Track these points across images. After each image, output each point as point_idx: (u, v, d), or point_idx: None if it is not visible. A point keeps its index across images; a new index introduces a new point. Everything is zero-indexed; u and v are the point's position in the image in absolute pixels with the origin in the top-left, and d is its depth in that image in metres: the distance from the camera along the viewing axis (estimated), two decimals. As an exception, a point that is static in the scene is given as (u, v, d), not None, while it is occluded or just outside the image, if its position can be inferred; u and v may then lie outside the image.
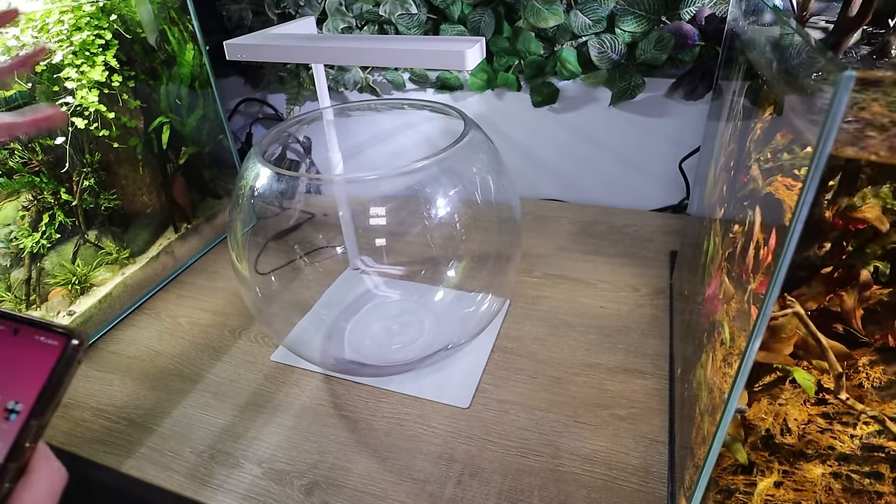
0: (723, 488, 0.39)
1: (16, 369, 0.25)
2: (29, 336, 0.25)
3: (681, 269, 0.73)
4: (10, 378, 0.24)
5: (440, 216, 0.60)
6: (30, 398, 0.24)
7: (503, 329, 0.69)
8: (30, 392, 0.24)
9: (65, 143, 0.70)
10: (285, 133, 0.83)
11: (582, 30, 0.82)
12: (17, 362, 0.25)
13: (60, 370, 0.25)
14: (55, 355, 0.25)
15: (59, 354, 0.25)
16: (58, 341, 0.25)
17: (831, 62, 0.24)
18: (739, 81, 0.49)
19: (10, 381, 0.24)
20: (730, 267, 0.40)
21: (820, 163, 0.23)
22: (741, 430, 0.38)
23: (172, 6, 0.81)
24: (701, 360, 0.45)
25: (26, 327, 0.25)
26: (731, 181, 0.46)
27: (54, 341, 0.25)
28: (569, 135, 0.95)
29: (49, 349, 0.25)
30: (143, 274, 0.81)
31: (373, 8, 0.91)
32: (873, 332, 0.33)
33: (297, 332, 0.67)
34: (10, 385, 0.24)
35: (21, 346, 0.25)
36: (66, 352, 0.25)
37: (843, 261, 0.33)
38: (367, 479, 0.52)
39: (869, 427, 0.35)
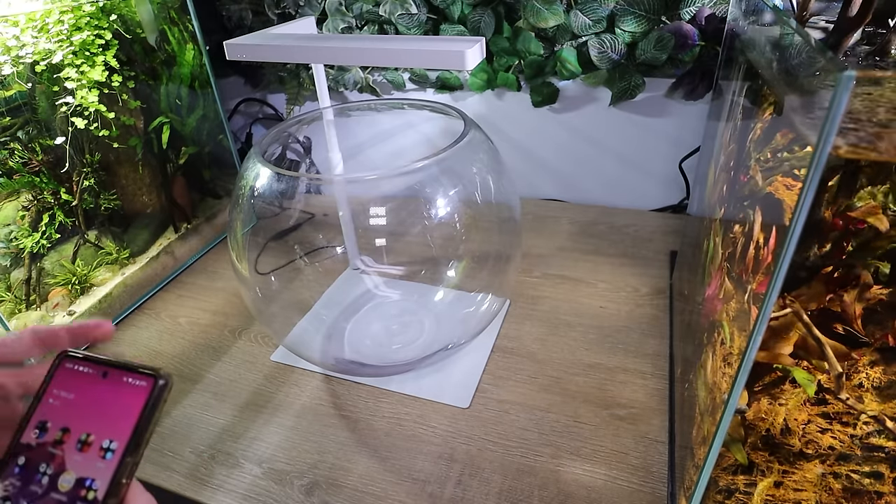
0: (723, 488, 0.39)
1: (108, 410, 0.26)
2: (118, 378, 0.27)
3: (681, 269, 0.73)
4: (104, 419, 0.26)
5: (440, 216, 0.60)
6: (124, 437, 0.25)
7: (503, 329, 0.69)
8: (123, 431, 0.25)
9: (65, 143, 0.70)
10: (285, 133, 0.83)
11: (582, 30, 0.82)
12: (108, 404, 0.26)
13: (150, 409, 0.26)
14: (144, 396, 0.26)
15: (147, 395, 0.26)
16: (146, 382, 0.26)
17: (831, 62, 0.24)
18: (739, 81, 0.49)
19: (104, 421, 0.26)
20: (730, 267, 0.40)
21: (820, 163, 0.23)
22: (741, 430, 0.37)
23: (172, 6, 0.81)
24: (701, 360, 0.45)
25: (114, 370, 0.27)
26: (731, 181, 0.46)
27: (143, 382, 0.27)
28: (569, 135, 0.95)
29: (138, 390, 0.26)
30: (143, 274, 0.81)
31: (373, 8, 0.91)
32: (873, 332, 0.33)
33: (297, 332, 0.67)
34: (104, 425, 0.26)
35: (110, 389, 0.27)
36: (154, 392, 0.26)
37: (843, 261, 0.33)
38: (367, 479, 0.52)
39: (869, 427, 0.35)
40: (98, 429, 0.26)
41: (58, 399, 0.27)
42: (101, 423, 0.26)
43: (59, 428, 0.26)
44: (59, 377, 0.27)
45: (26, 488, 0.25)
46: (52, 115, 0.69)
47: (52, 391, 0.27)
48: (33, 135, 0.67)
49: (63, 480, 0.25)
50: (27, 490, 0.25)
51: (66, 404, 0.26)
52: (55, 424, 0.26)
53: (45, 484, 0.25)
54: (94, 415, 0.26)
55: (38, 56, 0.66)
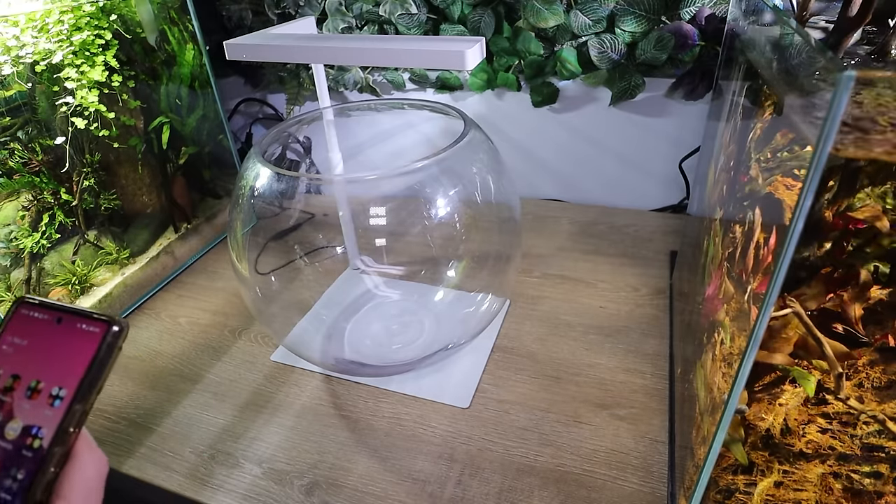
0: (723, 488, 0.39)
1: (59, 357, 0.25)
2: (71, 324, 0.26)
3: (681, 269, 0.73)
4: (55, 365, 0.25)
5: (440, 216, 0.60)
6: (73, 384, 0.25)
7: (503, 329, 0.69)
8: (73, 378, 0.25)
9: (65, 143, 0.70)
10: (285, 133, 0.83)
11: (582, 30, 0.82)
12: (60, 350, 0.25)
13: (102, 356, 0.25)
14: (96, 342, 0.25)
15: (100, 341, 0.25)
16: (99, 328, 0.26)
17: (831, 62, 0.24)
18: (739, 81, 0.49)
19: (55, 368, 0.25)
20: (730, 267, 0.40)
21: (820, 163, 0.23)
22: (741, 430, 0.37)
23: (172, 6, 0.81)
24: (701, 360, 0.45)
25: (69, 316, 0.26)
26: (731, 181, 0.46)
27: (95, 328, 0.26)
28: (569, 135, 0.95)
29: (91, 336, 0.25)
30: (143, 274, 0.81)
31: (373, 8, 0.91)
32: (873, 332, 0.33)
33: (297, 332, 0.67)
34: (54, 372, 0.25)
35: (64, 335, 0.26)
36: (107, 338, 0.25)
37: (843, 261, 0.33)
38: (367, 479, 0.52)
39: (869, 427, 0.35)
40: (48, 375, 0.25)
41: (11, 346, 0.26)
42: (52, 369, 0.25)
43: (10, 375, 0.25)
44: (13, 323, 0.26)
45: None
46: (52, 115, 0.69)
47: (6, 338, 0.26)
48: (33, 135, 0.67)
49: (9, 428, 0.24)
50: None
51: (18, 351, 0.26)
52: (6, 371, 0.25)
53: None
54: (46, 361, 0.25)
55: (38, 56, 0.66)
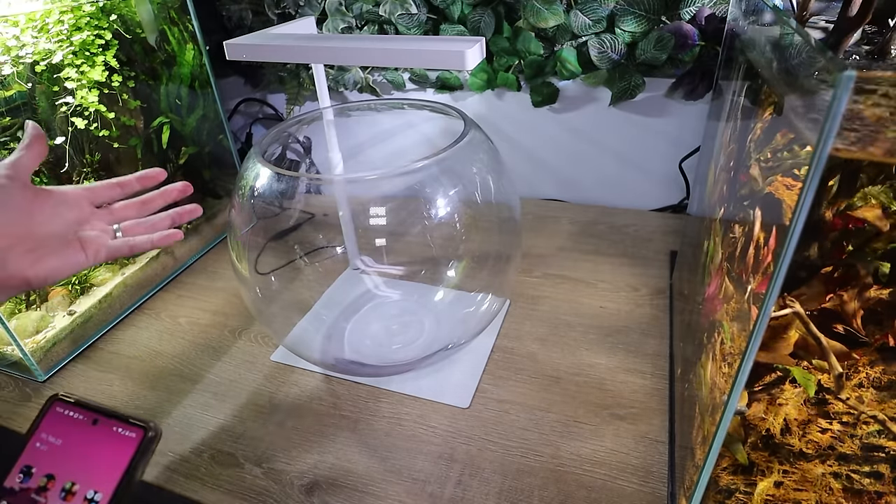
0: (723, 488, 0.39)
1: (95, 460, 0.26)
2: (107, 427, 0.27)
3: (681, 269, 0.73)
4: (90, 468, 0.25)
5: (440, 216, 0.60)
6: (109, 489, 0.25)
7: (503, 329, 0.69)
8: (109, 483, 0.25)
9: (65, 143, 0.70)
10: (285, 133, 0.83)
11: (582, 30, 0.82)
12: (96, 453, 0.26)
13: (137, 461, 0.26)
14: (133, 447, 0.26)
15: (136, 446, 0.26)
16: (135, 434, 0.26)
17: (831, 62, 0.24)
18: (739, 81, 0.49)
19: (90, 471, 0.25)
20: (730, 267, 0.40)
21: (820, 163, 0.23)
22: (741, 430, 0.38)
23: (172, 6, 0.81)
24: (701, 360, 0.45)
25: (104, 418, 0.26)
26: (731, 181, 0.46)
27: (132, 434, 0.26)
28: (569, 135, 0.95)
29: (127, 441, 0.26)
30: (143, 274, 0.81)
31: (373, 8, 0.91)
32: (873, 332, 0.33)
33: (297, 332, 0.67)
34: (89, 475, 0.25)
35: (99, 437, 0.26)
36: (143, 444, 0.26)
37: (843, 261, 0.33)
38: (367, 479, 0.52)
39: (869, 427, 0.35)
40: (83, 478, 0.25)
41: (45, 444, 0.26)
42: (87, 472, 0.26)
43: (44, 474, 0.26)
44: (48, 421, 0.27)
45: None
46: (52, 115, 0.69)
47: (41, 435, 0.26)
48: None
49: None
50: None
51: (52, 450, 0.26)
52: (40, 470, 0.26)
53: None
54: (81, 463, 0.26)
55: (38, 56, 0.66)
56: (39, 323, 0.69)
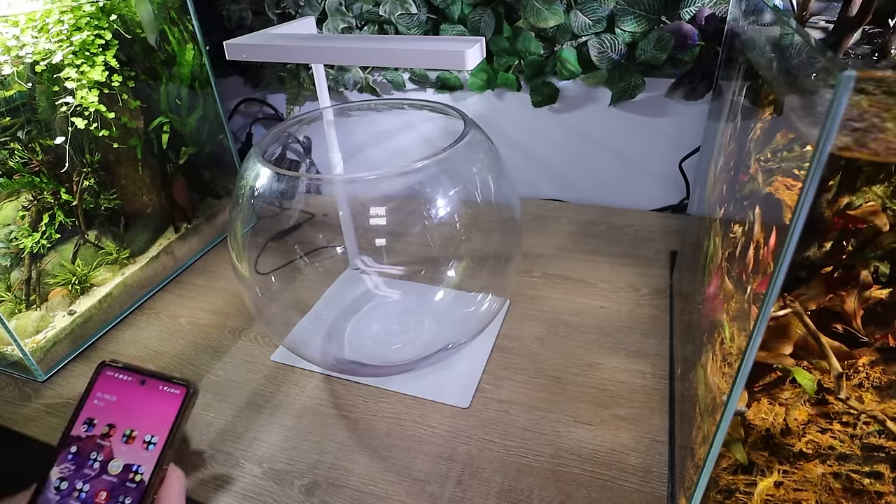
0: (723, 488, 0.39)
1: (148, 411, 0.32)
2: (154, 386, 0.32)
3: (681, 269, 0.73)
4: (145, 418, 0.31)
5: (440, 216, 0.60)
6: (164, 433, 0.31)
7: (503, 329, 0.69)
8: (164, 429, 0.31)
9: (65, 143, 0.70)
10: (285, 133, 0.83)
11: (582, 30, 0.82)
12: (148, 406, 0.32)
13: (183, 411, 0.32)
14: (179, 401, 0.32)
15: (182, 400, 0.32)
16: (179, 391, 0.32)
17: (831, 62, 0.24)
18: (739, 81, 0.49)
19: (145, 420, 0.31)
20: (730, 267, 0.40)
21: (820, 162, 0.23)
22: (741, 430, 0.38)
23: (172, 6, 0.81)
24: (701, 360, 0.45)
25: (151, 379, 0.33)
26: (731, 181, 0.46)
27: (177, 391, 0.32)
28: (569, 135, 0.95)
29: (173, 396, 0.32)
30: (143, 274, 0.81)
31: (373, 8, 0.91)
32: (873, 332, 0.33)
33: (297, 332, 0.67)
34: (145, 423, 0.31)
35: (149, 394, 0.32)
36: (187, 398, 0.32)
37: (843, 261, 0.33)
38: (367, 479, 0.52)
39: (869, 427, 0.35)
40: (140, 425, 0.31)
41: (101, 400, 0.32)
42: (143, 421, 0.31)
43: (106, 424, 0.31)
44: (101, 382, 0.32)
45: (80, 471, 0.30)
46: (52, 115, 0.69)
47: (96, 394, 0.32)
48: (33, 135, 0.67)
49: (112, 466, 0.30)
50: (81, 473, 0.30)
51: (109, 405, 0.32)
52: (101, 421, 0.31)
53: (96, 468, 0.30)
54: (136, 414, 0.31)
55: (38, 56, 0.66)
56: (39, 323, 0.69)
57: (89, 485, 0.30)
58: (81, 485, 0.30)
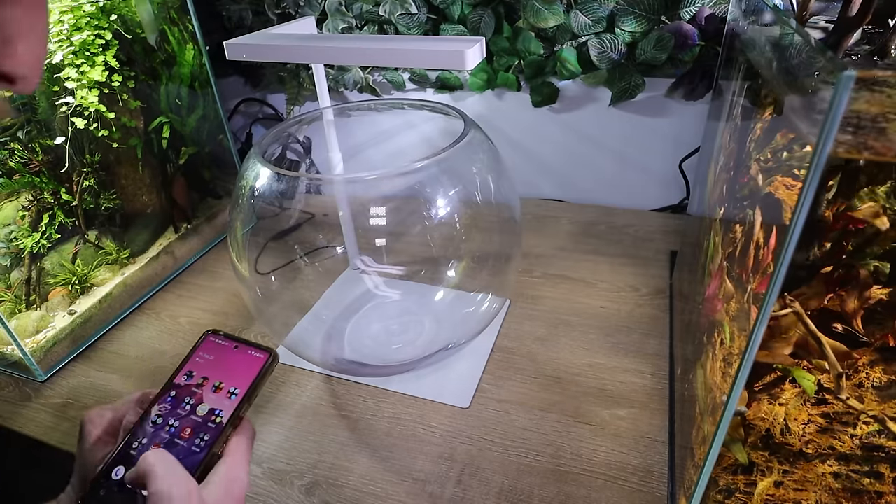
0: (723, 488, 0.39)
1: (235, 369, 0.37)
2: (244, 350, 0.38)
3: (681, 269, 0.73)
4: (232, 374, 0.37)
5: (440, 216, 0.60)
6: (245, 386, 0.37)
7: (503, 329, 0.69)
8: (245, 383, 0.37)
9: (65, 143, 0.70)
10: (285, 133, 0.83)
11: (582, 30, 0.82)
12: (236, 365, 0.38)
13: (264, 372, 0.37)
14: (261, 363, 0.38)
15: (263, 363, 0.38)
16: (263, 355, 0.38)
17: (831, 62, 0.24)
18: (739, 81, 0.49)
19: (232, 375, 0.37)
20: (730, 267, 0.40)
21: (820, 163, 0.23)
22: (741, 430, 0.38)
23: (172, 6, 0.81)
24: (701, 360, 0.45)
25: (243, 345, 0.39)
26: (731, 181, 0.46)
27: (260, 355, 0.38)
28: (569, 135, 0.95)
29: (257, 360, 0.38)
30: (143, 274, 0.81)
31: (373, 8, 0.91)
32: (873, 332, 0.33)
33: (297, 332, 0.67)
34: (232, 378, 0.37)
35: (239, 356, 0.38)
36: (268, 362, 0.38)
37: (843, 261, 0.33)
38: (367, 479, 0.52)
39: (869, 427, 0.35)
40: (227, 380, 0.37)
41: (202, 359, 0.38)
42: (230, 376, 0.37)
43: (201, 376, 0.37)
44: (204, 345, 0.39)
45: (174, 411, 0.36)
46: (52, 115, 0.69)
47: (199, 353, 0.38)
48: (33, 135, 0.67)
49: (200, 409, 0.36)
50: (174, 412, 0.36)
51: (206, 363, 0.38)
52: (198, 374, 0.37)
53: (187, 410, 0.36)
54: (226, 371, 0.37)
55: (38, 56, 0.66)
56: (39, 323, 0.69)
57: (179, 422, 0.35)
58: (173, 421, 0.35)
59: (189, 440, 0.35)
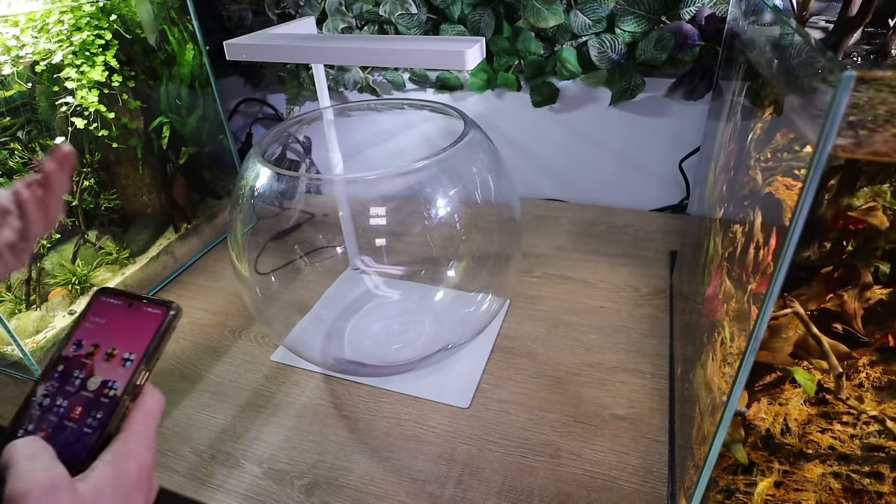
0: (723, 488, 0.39)
1: (130, 331, 0.33)
2: (139, 307, 0.34)
3: (681, 269, 0.73)
4: (126, 337, 0.33)
5: (440, 216, 0.60)
6: (140, 350, 0.32)
7: (503, 329, 0.69)
8: (140, 346, 0.32)
9: (65, 143, 0.70)
10: (285, 133, 0.83)
11: (582, 30, 0.82)
12: (130, 326, 0.33)
13: (162, 331, 0.33)
14: (158, 320, 0.33)
15: (161, 320, 0.33)
16: (160, 310, 0.33)
17: (831, 62, 0.24)
18: (739, 81, 0.49)
19: (126, 339, 0.33)
20: (730, 267, 0.40)
21: (820, 162, 0.23)
22: (741, 430, 0.38)
23: (172, 6, 0.81)
24: (701, 360, 0.45)
25: (136, 301, 0.34)
26: (731, 181, 0.46)
27: (158, 310, 0.33)
28: (569, 135, 0.95)
29: (154, 316, 0.33)
30: (143, 274, 0.81)
31: (373, 8, 0.91)
32: (873, 332, 0.33)
33: (297, 332, 0.67)
34: (125, 342, 0.33)
35: (133, 315, 0.33)
36: (166, 318, 0.33)
37: (843, 261, 0.33)
38: (367, 479, 0.52)
39: (869, 427, 0.35)
40: (121, 344, 0.33)
41: (92, 324, 0.33)
42: (124, 340, 0.33)
43: (91, 344, 0.33)
44: (94, 308, 0.34)
45: (63, 388, 0.32)
46: (52, 115, 0.69)
47: (89, 318, 0.34)
48: (33, 135, 0.67)
49: (91, 382, 0.32)
50: (63, 389, 0.32)
51: (97, 327, 0.33)
52: (88, 342, 0.33)
53: (77, 385, 0.32)
54: (119, 334, 0.33)
55: (38, 56, 0.66)
56: (39, 323, 0.69)
57: (68, 400, 0.31)
58: (61, 400, 0.31)
59: (80, 420, 0.30)
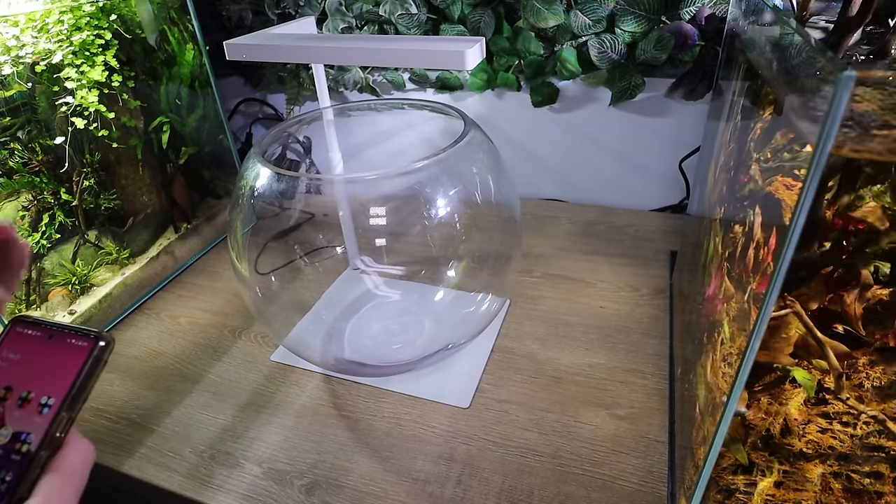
0: (723, 488, 0.39)
1: (49, 369, 0.27)
2: (62, 339, 0.28)
3: (681, 269, 0.73)
4: (45, 377, 0.27)
5: (440, 216, 0.60)
6: (61, 394, 0.27)
7: (503, 329, 0.69)
8: (61, 388, 0.27)
9: (65, 143, 0.70)
10: (285, 133, 0.83)
11: (582, 30, 0.82)
12: (50, 363, 0.28)
13: (88, 368, 0.27)
14: (84, 355, 0.28)
15: (87, 354, 0.28)
16: (87, 343, 0.28)
17: (831, 62, 0.24)
18: (739, 81, 0.49)
19: (45, 379, 0.27)
20: (730, 267, 0.40)
21: (820, 162, 0.23)
22: (741, 430, 0.38)
23: (172, 6, 0.81)
24: (701, 360, 0.45)
25: (59, 332, 0.28)
26: (731, 181, 0.46)
27: (84, 343, 0.28)
28: (569, 135, 0.95)
29: (79, 350, 0.28)
30: (143, 274, 0.81)
31: (373, 8, 0.91)
32: (873, 332, 0.33)
33: (297, 332, 0.67)
34: (44, 383, 0.27)
35: (55, 349, 0.28)
36: (94, 352, 0.28)
37: (843, 261, 0.33)
38: (367, 479, 0.52)
39: (869, 427, 0.35)
40: (38, 386, 0.27)
41: (5, 360, 0.28)
42: (42, 380, 0.27)
43: (3, 387, 0.27)
44: (8, 340, 0.28)
45: None
46: (52, 115, 0.69)
47: (1, 353, 0.28)
48: (33, 135, 0.67)
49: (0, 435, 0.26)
50: None
51: (11, 364, 0.28)
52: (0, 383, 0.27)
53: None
54: (37, 373, 0.27)
55: (38, 56, 0.66)
56: (39, 323, 0.69)
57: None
58: None
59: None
